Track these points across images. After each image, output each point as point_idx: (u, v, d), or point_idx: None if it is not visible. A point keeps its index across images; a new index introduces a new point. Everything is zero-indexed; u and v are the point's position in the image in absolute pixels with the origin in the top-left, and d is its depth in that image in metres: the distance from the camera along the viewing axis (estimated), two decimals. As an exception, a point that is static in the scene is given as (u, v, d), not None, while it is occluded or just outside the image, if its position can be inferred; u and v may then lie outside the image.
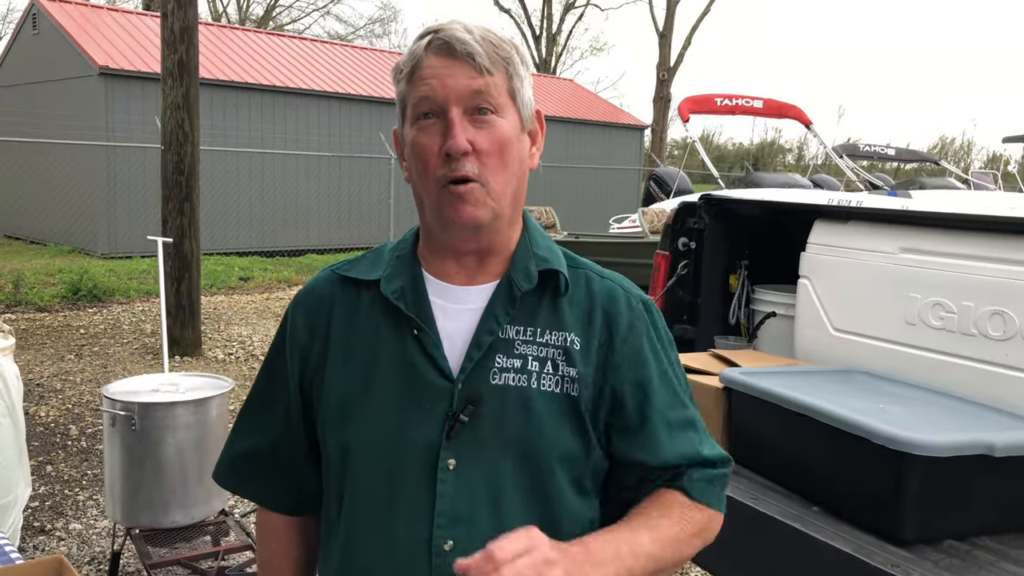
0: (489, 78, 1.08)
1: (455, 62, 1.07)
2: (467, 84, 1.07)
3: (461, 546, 1.07)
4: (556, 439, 1.10)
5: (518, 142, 1.12)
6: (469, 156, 1.06)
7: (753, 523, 2.07)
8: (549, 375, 1.11)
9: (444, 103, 1.07)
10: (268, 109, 15.03)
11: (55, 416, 5.68)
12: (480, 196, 1.08)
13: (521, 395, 1.10)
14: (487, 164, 1.08)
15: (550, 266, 1.15)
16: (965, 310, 2.41)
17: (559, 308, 1.14)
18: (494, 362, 1.10)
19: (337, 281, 1.20)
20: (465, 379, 1.10)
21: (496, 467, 1.09)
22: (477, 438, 1.09)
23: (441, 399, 1.10)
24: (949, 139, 44.54)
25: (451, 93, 1.07)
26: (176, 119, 7.20)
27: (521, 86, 1.12)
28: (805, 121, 11.74)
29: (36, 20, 15.17)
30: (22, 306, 9.33)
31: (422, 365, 1.11)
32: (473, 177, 1.07)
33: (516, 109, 1.12)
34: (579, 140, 20.08)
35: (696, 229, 3.39)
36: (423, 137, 1.09)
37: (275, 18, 34.58)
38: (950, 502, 1.90)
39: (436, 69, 1.07)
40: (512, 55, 1.11)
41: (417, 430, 1.10)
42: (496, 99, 1.09)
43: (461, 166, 1.06)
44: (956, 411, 2.17)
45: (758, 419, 2.34)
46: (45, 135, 13.10)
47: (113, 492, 3.32)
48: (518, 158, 1.12)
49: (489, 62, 1.08)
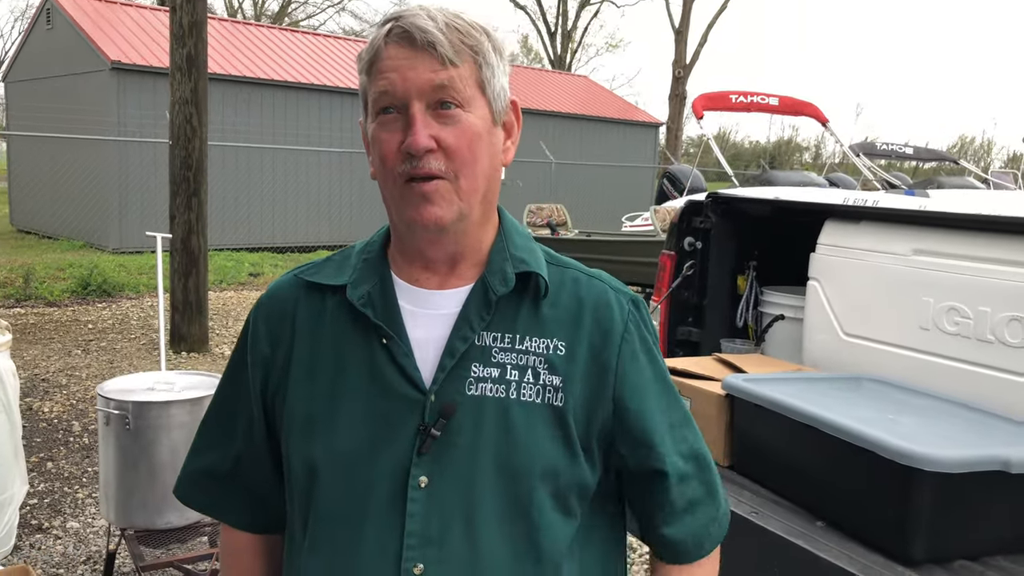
0: (453, 70, 0.99)
1: (416, 52, 0.99)
2: (429, 78, 0.99)
3: (432, 569, 1.00)
4: (537, 453, 1.03)
5: (488, 136, 1.04)
6: (434, 153, 0.99)
7: (754, 538, 1.99)
8: (529, 384, 1.04)
9: (404, 98, 0.99)
10: (280, 104, 15.03)
11: (58, 412, 5.66)
12: (446, 193, 1.00)
13: (499, 406, 1.02)
14: (455, 160, 1.00)
15: (528, 268, 1.07)
16: (981, 315, 2.31)
17: (540, 312, 1.07)
18: (470, 372, 1.03)
19: (301, 286, 1.13)
20: (438, 390, 1.03)
21: (471, 484, 1.01)
22: (451, 454, 1.02)
23: (412, 412, 1.03)
24: (969, 138, 44.13)
25: (412, 87, 0.99)
26: (184, 114, 7.16)
27: (492, 76, 1.04)
28: (822, 119, 11.58)
29: (50, 15, 15.23)
30: (32, 300, 9.35)
31: (392, 376, 1.04)
32: (439, 174, 0.99)
33: (486, 101, 1.04)
34: (593, 137, 19.97)
35: (703, 228, 3.29)
36: (383, 132, 1.01)
37: (290, 14, 34.64)
38: (963, 520, 1.80)
39: (396, 61, 0.99)
40: (481, 42, 1.02)
41: (386, 446, 1.03)
42: (462, 92, 1.00)
43: (425, 163, 0.99)
44: (970, 423, 2.08)
45: (761, 428, 2.25)
46: (58, 130, 13.14)
47: (107, 492, 3.27)
48: (488, 153, 1.04)
49: (453, 52, 0.99)
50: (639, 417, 1.08)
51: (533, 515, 1.03)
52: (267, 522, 1.19)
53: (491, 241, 1.10)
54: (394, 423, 1.03)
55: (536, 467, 1.03)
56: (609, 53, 59.31)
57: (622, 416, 1.08)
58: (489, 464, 1.02)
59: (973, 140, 44.41)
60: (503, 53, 1.06)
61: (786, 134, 43.67)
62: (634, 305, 1.12)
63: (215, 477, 1.19)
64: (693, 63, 26.51)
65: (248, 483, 1.17)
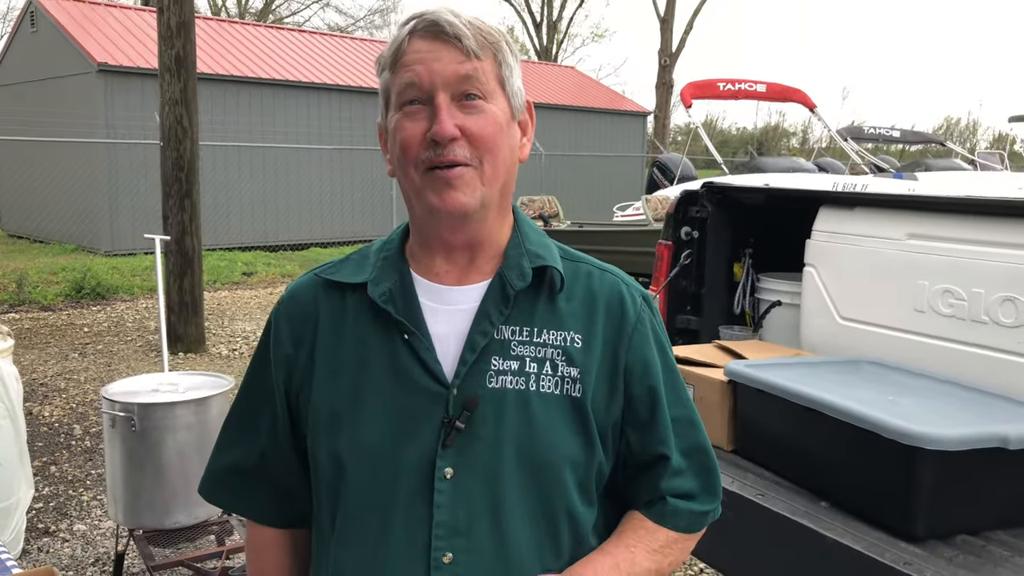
0: (477, 63, 1.03)
1: (442, 45, 1.02)
2: (454, 69, 1.02)
3: (461, 558, 1.03)
4: (559, 443, 1.06)
5: (508, 129, 1.07)
6: (458, 141, 1.02)
7: (760, 520, 2.03)
8: (548, 376, 1.06)
9: (430, 88, 1.02)
10: (268, 103, 14.99)
11: (59, 416, 5.66)
12: (471, 180, 1.03)
13: (520, 398, 1.05)
14: (479, 147, 1.03)
15: (544, 262, 1.10)
16: (975, 297, 2.35)
17: (556, 306, 1.10)
18: (490, 364, 1.06)
19: (321, 286, 1.15)
20: (460, 384, 1.05)
21: (496, 475, 1.04)
22: (474, 445, 1.04)
23: (436, 405, 1.05)
24: (955, 119, 44.26)
25: (437, 78, 1.02)
26: (175, 115, 7.16)
27: (510, 74, 1.08)
28: (809, 104, 11.65)
29: (34, 18, 15.12)
30: (26, 305, 9.32)
31: (414, 371, 1.06)
32: (464, 160, 1.02)
33: (506, 97, 1.07)
34: (581, 128, 19.98)
35: (699, 218, 3.33)
36: (407, 122, 1.04)
37: (274, 11, 34.46)
38: (963, 497, 1.85)
39: (421, 53, 1.03)
40: (500, 42, 1.06)
41: (411, 439, 1.05)
42: (485, 85, 1.04)
43: (450, 151, 1.01)
44: (968, 402, 2.12)
45: (764, 413, 2.29)
46: (45, 133, 13.08)
47: (115, 493, 3.29)
48: (508, 146, 1.07)
49: (477, 46, 1.03)
50: (649, 404, 1.12)
51: (556, 503, 1.06)
52: (292, 517, 1.21)
53: (507, 237, 1.12)
54: (418, 417, 1.05)
55: (557, 457, 1.05)
56: (595, 43, 59.23)
57: (634, 403, 1.11)
58: (512, 455, 1.04)
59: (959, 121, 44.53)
60: (518, 56, 1.10)
61: (773, 120, 43.72)
62: (645, 300, 1.16)
63: (240, 474, 1.21)
64: (679, 51, 26.51)
65: (273, 479, 1.19)
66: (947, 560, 1.75)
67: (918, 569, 1.70)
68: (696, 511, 1.16)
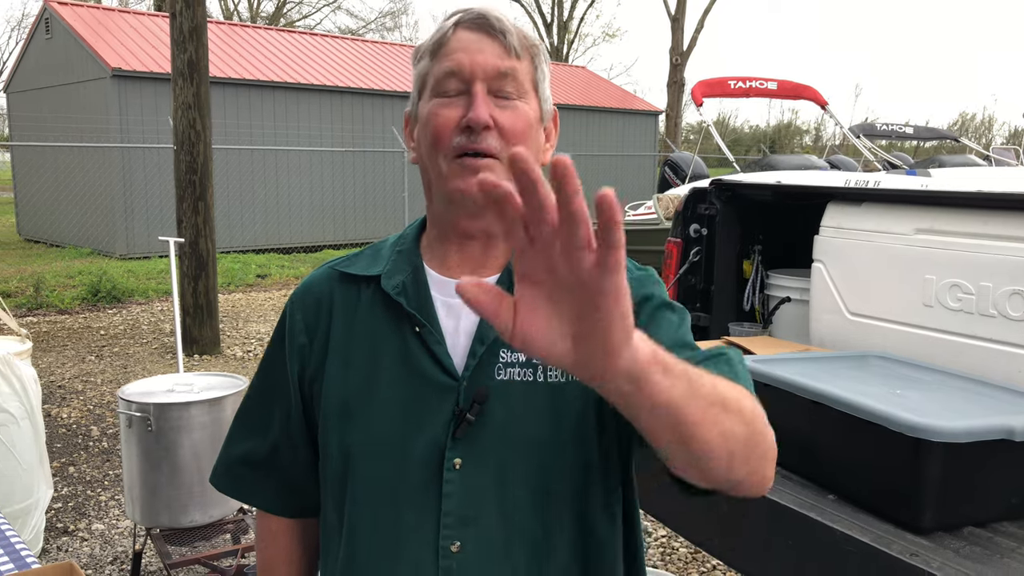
0: (517, 62, 1.06)
1: (487, 37, 1.05)
2: (496, 64, 1.04)
3: (469, 546, 1.05)
4: (564, 431, 1.06)
5: (536, 130, 1.10)
6: (491, 131, 1.03)
7: (767, 513, 2.04)
8: None
9: (470, 77, 1.04)
10: (280, 106, 15.07)
11: (77, 417, 5.73)
12: (498, 173, 1.04)
13: (527, 390, 1.06)
14: (509, 141, 1.04)
15: None
16: (983, 291, 2.36)
17: None
18: (499, 357, 1.07)
19: (336, 278, 1.17)
20: (470, 376, 1.07)
21: (503, 464, 1.05)
22: (483, 436, 1.06)
23: (446, 398, 1.07)
24: (970, 115, 43.96)
25: (478, 69, 1.04)
26: (188, 119, 7.22)
27: (543, 80, 1.11)
28: (821, 102, 11.60)
29: (49, 24, 15.27)
30: (43, 308, 9.42)
31: (425, 363, 1.08)
32: (494, 153, 1.03)
33: (537, 100, 1.10)
34: (593, 127, 19.99)
35: (708, 215, 3.35)
36: (441, 108, 1.05)
37: (286, 14, 34.63)
38: (970, 489, 1.86)
39: (466, 43, 1.05)
40: (538, 47, 1.10)
41: (421, 431, 1.07)
42: (521, 84, 1.07)
43: (482, 139, 1.03)
44: (975, 395, 2.13)
45: (772, 407, 2.29)
46: (61, 139, 13.22)
47: (132, 493, 3.34)
48: (535, 147, 1.10)
49: (519, 45, 1.06)
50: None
51: (562, 491, 1.07)
52: (302, 507, 1.23)
53: None
54: (428, 409, 1.07)
55: (563, 445, 1.06)
56: (606, 43, 59.21)
57: None
58: (519, 444, 1.05)
59: (974, 117, 44.29)
60: (549, 65, 1.14)
61: (786, 118, 43.59)
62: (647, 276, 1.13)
63: (251, 464, 1.23)
64: (690, 50, 26.46)
65: (284, 469, 1.21)
66: (954, 552, 1.76)
67: (925, 561, 1.71)
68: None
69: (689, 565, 3.72)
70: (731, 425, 0.82)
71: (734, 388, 0.86)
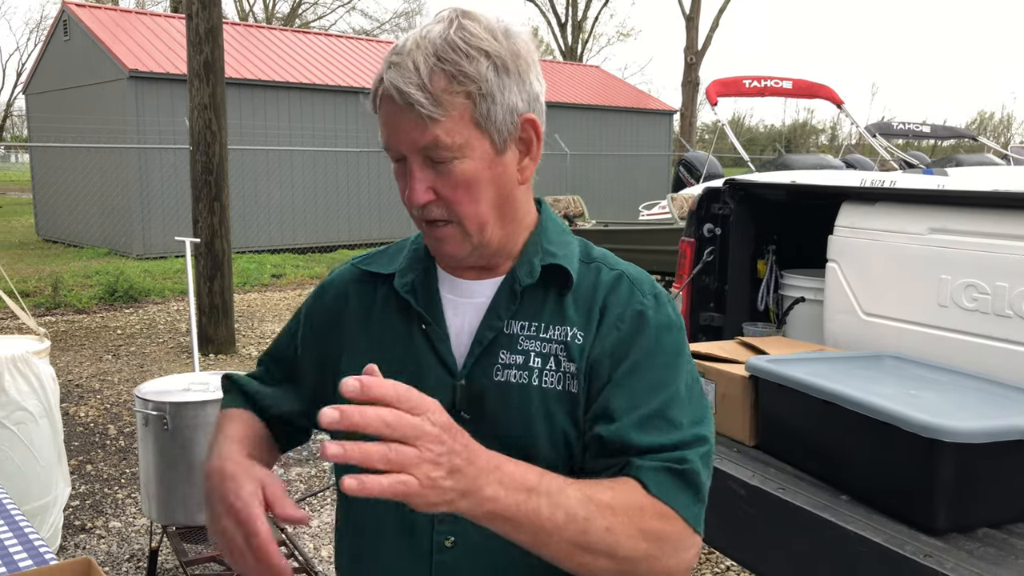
0: (437, 126, 0.99)
1: (401, 110, 1.00)
2: (414, 139, 1.01)
3: (461, 541, 1.06)
4: (553, 437, 1.07)
5: (490, 171, 1.04)
6: (435, 202, 1.03)
7: (781, 513, 2.04)
8: (551, 371, 1.08)
9: (400, 153, 1.04)
10: (295, 106, 15.15)
11: (94, 416, 5.78)
12: (455, 235, 1.06)
13: (521, 392, 1.07)
14: (455, 207, 1.04)
15: (554, 260, 1.11)
16: (999, 291, 2.34)
17: (564, 303, 1.11)
18: (498, 358, 1.08)
19: (357, 275, 1.21)
20: (467, 375, 1.08)
21: None
22: (477, 435, 1.07)
23: (444, 395, 1.07)
24: (988, 113, 43.59)
25: (404, 146, 1.03)
26: (203, 119, 7.27)
27: (493, 104, 1.00)
28: (836, 101, 11.54)
29: (67, 26, 15.41)
30: (61, 308, 9.51)
31: (428, 360, 1.10)
32: (443, 219, 1.05)
33: (486, 136, 1.03)
34: (607, 127, 19.95)
35: (721, 215, 3.34)
36: (397, 176, 1.07)
37: (301, 15, 34.78)
38: (984, 489, 1.85)
39: (387, 117, 1.03)
40: (480, 71, 0.99)
41: None
42: (451, 144, 1.00)
43: (428, 212, 1.04)
44: (990, 395, 2.12)
45: (785, 408, 2.30)
46: (78, 140, 13.33)
47: (148, 491, 3.37)
48: (494, 185, 1.05)
49: (435, 106, 0.98)
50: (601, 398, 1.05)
51: None
52: (268, 418, 1.24)
53: (525, 238, 1.14)
54: None
55: (552, 450, 1.06)
56: (620, 42, 59.14)
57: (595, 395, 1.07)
58: (512, 445, 1.05)
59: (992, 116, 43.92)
60: (519, 61, 1.03)
61: (801, 117, 43.38)
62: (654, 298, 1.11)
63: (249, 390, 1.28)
64: (705, 49, 26.38)
65: (273, 402, 1.25)
66: (968, 553, 1.75)
67: (938, 562, 1.70)
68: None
69: (703, 566, 3.71)
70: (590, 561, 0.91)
71: (615, 501, 0.92)
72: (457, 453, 0.80)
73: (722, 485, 2.23)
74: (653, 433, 1.01)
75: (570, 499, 0.89)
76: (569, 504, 0.88)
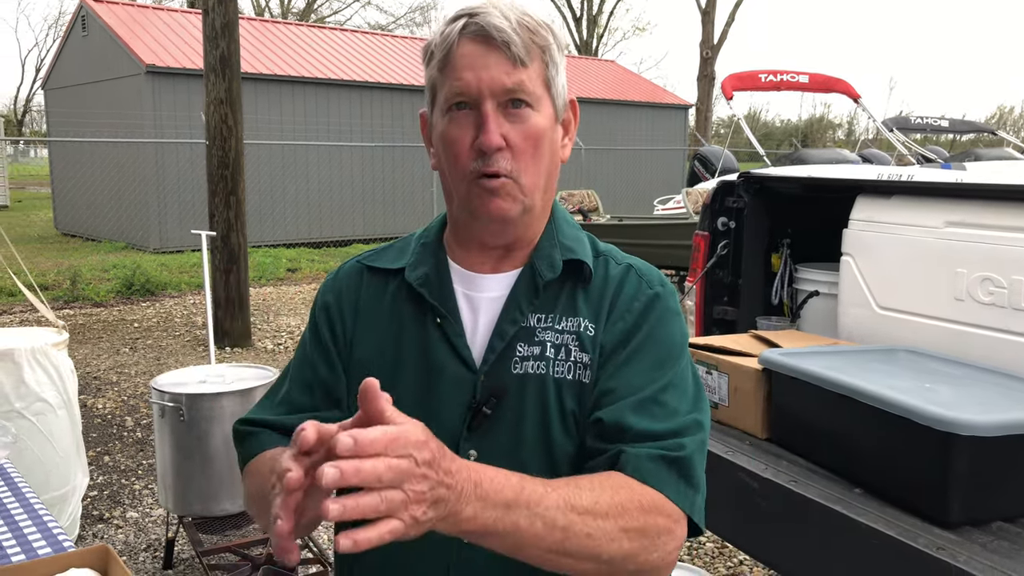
0: (524, 70, 1.03)
1: (490, 51, 1.02)
2: (502, 81, 1.02)
3: None
4: (566, 424, 1.07)
5: (551, 133, 1.08)
6: (503, 151, 1.03)
7: (794, 506, 2.04)
8: (563, 361, 1.08)
9: (478, 96, 1.03)
10: (311, 101, 15.19)
11: (111, 408, 5.84)
12: (512, 191, 1.05)
13: (539, 383, 1.08)
14: (520, 159, 1.04)
15: (575, 256, 1.12)
16: (1016, 284, 2.33)
17: (576, 296, 1.12)
18: (516, 351, 1.09)
19: (364, 271, 1.20)
20: (488, 370, 1.08)
21: (516, 457, 1.06)
22: (497, 429, 1.07)
23: (463, 390, 1.08)
24: (1008, 108, 43.11)
25: (485, 87, 1.02)
26: (219, 114, 7.31)
27: (556, 74, 1.08)
28: (853, 95, 11.43)
29: (85, 22, 15.52)
30: (79, 301, 9.60)
31: (444, 355, 1.10)
32: (505, 173, 1.04)
33: (551, 99, 1.08)
34: (622, 122, 19.89)
35: (736, 208, 3.33)
36: (454, 129, 1.05)
37: (316, 10, 34.85)
38: (999, 483, 1.84)
39: (470, 59, 1.03)
40: (549, 42, 1.06)
41: (437, 422, 1.07)
42: (532, 92, 1.04)
43: (494, 162, 1.03)
44: (1005, 389, 2.10)
45: (799, 401, 2.29)
46: (96, 134, 13.42)
47: (165, 482, 3.40)
48: (550, 151, 1.09)
49: (525, 52, 1.03)
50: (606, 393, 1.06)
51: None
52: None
53: (542, 230, 1.14)
54: (445, 400, 1.08)
55: (565, 437, 1.07)
56: (636, 36, 58.85)
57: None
58: (531, 437, 1.07)
59: (1012, 110, 43.43)
60: (563, 52, 1.10)
61: (818, 111, 43.06)
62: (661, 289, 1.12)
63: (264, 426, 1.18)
64: (721, 43, 26.22)
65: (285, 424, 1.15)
66: (981, 546, 1.74)
67: (951, 555, 1.70)
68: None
69: (716, 560, 3.71)
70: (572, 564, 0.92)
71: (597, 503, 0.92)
72: (440, 483, 0.79)
73: (735, 478, 2.23)
74: (648, 418, 1.03)
75: (549, 509, 0.87)
76: (548, 515, 0.87)
